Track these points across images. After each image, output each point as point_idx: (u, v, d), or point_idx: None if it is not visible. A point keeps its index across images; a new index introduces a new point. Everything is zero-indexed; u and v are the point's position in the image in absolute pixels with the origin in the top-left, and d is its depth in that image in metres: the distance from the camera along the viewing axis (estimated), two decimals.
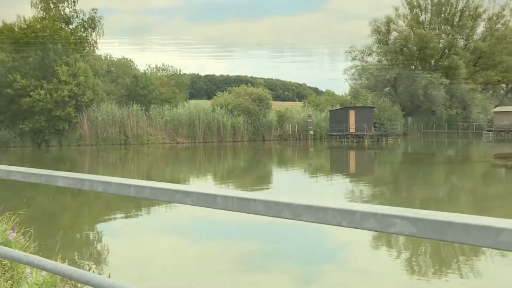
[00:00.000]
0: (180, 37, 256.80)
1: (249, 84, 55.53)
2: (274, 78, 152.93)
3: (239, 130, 47.24)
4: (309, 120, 49.69)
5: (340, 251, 8.71)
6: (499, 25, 67.45)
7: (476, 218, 1.04)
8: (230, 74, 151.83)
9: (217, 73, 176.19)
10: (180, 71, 55.77)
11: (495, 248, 0.98)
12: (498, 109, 57.89)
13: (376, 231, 1.11)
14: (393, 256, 8.44)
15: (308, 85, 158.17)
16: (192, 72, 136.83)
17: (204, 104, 50.72)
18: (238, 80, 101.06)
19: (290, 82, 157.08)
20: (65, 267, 1.98)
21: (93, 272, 6.96)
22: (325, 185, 18.29)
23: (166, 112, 45.78)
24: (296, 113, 52.38)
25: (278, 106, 57.11)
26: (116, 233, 10.37)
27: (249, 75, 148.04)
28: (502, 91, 74.46)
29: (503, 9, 67.29)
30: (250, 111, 47.78)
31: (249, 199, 1.28)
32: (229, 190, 1.40)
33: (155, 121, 45.09)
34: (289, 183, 19.38)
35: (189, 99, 58.77)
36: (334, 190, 16.64)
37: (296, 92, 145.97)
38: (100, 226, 11.18)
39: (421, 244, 8.58)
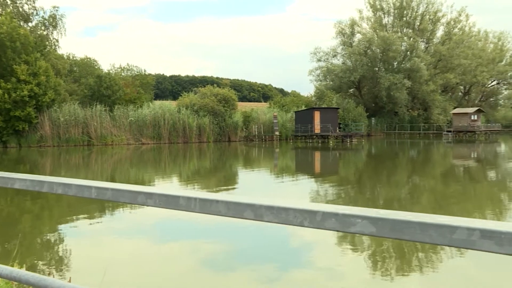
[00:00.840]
0: (145, 37, 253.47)
1: (215, 85, 55.40)
2: (240, 78, 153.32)
3: (205, 131, 47.04)
4: (275, 121, 49.94)
5: (306, 250, 8.79)
6: (456, 30, 69.66)
7: (433, 217, 1.06)
8: (196, 75, 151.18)
9: (183, 74, 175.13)
10: (145, 71, 55.20)
11: (450, 246, 1.00)
12: (457, 110, 59.64)
13: (337, 231, 1.13)
14: (358, 254, 8.57)
15: (274, 86, 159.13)
16: (158, 72, 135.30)
17: (169, 104, 50.27)
18: (204, 81, 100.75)
19: (256, 83, 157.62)
20: (22, 272, 1.92)
21: (53, 276, 6.79)
22: (290, 185, 18.40)
23: (130, 112, 45.14)
24: (262, 114, 52.57)
25: (244, 106, 57.22)
26: (78, 236, 10.15)
27: (215, 75, 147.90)
28: (460, 93, 76.78)
29: (460, 14, 69.62)
30: (216, 112, 47.65)
31: (211, 200, 1.28)
32: (191, 191, 1.39)
33: (119, 122, 44.39)
34: (255, 184, 19.42)
35: (154, 99, 58.21)
36: (299, 191, 16.77)
37: (262, 93, 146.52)
38: (61, 229, 10.92)
39: (385, 241, 8.75)
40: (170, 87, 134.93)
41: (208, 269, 7.67)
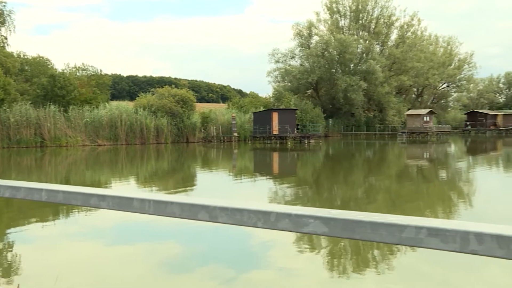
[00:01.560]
0: (101, 36, 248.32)
1: (173, 86, 54.85)
2: (198, 79, 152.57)
3: (163, 132, 46.53)
4: (233, 122, 49.94)
5: (263, 250, 8.81)
6: (409, 34, 71.83)
7: (383, 216, 1.08)
8: (154, 75, 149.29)
9: (140, 74, 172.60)
10: (101, 71, 54.03)
11: (400, 244, 1.03)
12: (410, 112, 61.34)
13: (290, 231, 1.13)
14: (315, 253, 8.65)
15: (232, 87, 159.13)
16: (114, 72, 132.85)
17: (126, 105, 49.43)
18: (162, 81, 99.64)
19: (215, 83, 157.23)
20: None
21: (0, 284, 6.52)
22: (249, 186, 18.43)
23: (86, 113, 44.09)
24: (220, 115, 52.47)
25: (202, 107, 56.94)
26: (29, 240, 9.80)
27: (173, 76, 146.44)
28: (413, 95, 79.05)
29: (412, 19, 71.89)
30: (174, 113, 47.20)
31: (165, 201, 1.27)
32: (145, 193, 1.37)
33: (74, 123, 43.27)
34: (213, 185, 19.34)
35: (111, 100, 57.07)
36: (257, 192, 16.82)
37: (220, 94, 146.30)
38: (11, 234, 10.52)
39: (342, 240, 8.87)
40: (127, 88, 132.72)
41: (165, 272, 7.56)
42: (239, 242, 9.47)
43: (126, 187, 17.92)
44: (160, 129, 46.40)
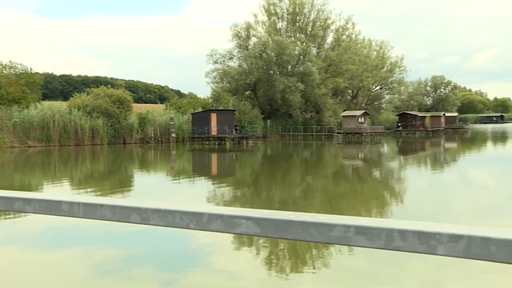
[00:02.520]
0: (30, 32, 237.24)
1: (109, 86, 53.34)
2: (135, 79, 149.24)
3: (98, 133, 45.14)
4: (171, 123, 49.34)
5: (202, 253, 8.81)
6: (344, 37, 73.99)
7: (313, 215, 1.11)
8: (89, 75, 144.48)
9: (74, 73, 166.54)
10: (31, 69, 51.55)
11: (329, 243, 1.06)
12: (346, 113, 63.13)
13: (223, 232, 1.14)
14: (254, 254, 8.76)
15: (170, 87, 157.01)
16: (46, 71, 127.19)
17: (59, 105, 47.49)
18: (97, 81, 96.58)
19: (152, 84, 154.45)
20: None
21: None
22: (187, 187, 18.31)
23: (15, 113, 41.97)
24: (158, 116, 51.65)
25: (139, 108, 55.76)
26: None
27: (109, 76, 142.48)
28: (348, 97, 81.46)
29: (347, 22, 74.15)
30: (110, 113, 45.95)
31: (95, 204, 1.25)
32: (74, 196, 1.34)
33: (1, 123, 41.10)
34: (150, 187, 19.05)
35: (43, 99, 54.63)
36: (196, 193, 16.75)
37: (158, 95, 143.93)
38: None
39: (280, 241, 9.03)
40: (60, 87, 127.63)
41: (103, 275, 7.40)
42: (178, 243, 9.42)
43: (57, 190, 17.29)
44: (96, 130, 45.01)
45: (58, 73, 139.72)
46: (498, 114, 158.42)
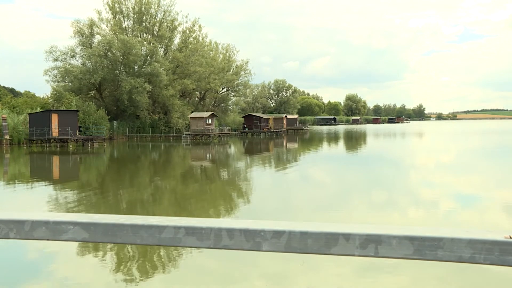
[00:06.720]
0: None
1: None
2: None
3: None
4: (4, 124, 44.91)
5: (44, 261, 8.25)
6: (191, 39, 74.72)
7: (145, 218, 1.10)
8: None
9: None
10: None
11: (160, 245, 1.06)
12: (194, 114, 63.78)
13: (48, 240, 1.08)
14: (99, 260, 8.45)
15: (2, 85, 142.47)
16: None
17: None
18: None
19: None
20: None
21: None
22: (23, 194, 16.89)
23: None
24: None
25: None
26: None
27: None
28: (196, 99, 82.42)
29: (194, 25, 75.08)
30: None
31: None
32: None
33: None
34: None
35: None
36: (34, 199, 15.54)
37: None
38: None
39: (129, 246, 8.85)
40: None
41: None
42: (17, 254, 8.68)
43: None
44: None
45: None
46: (332, 117, 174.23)
